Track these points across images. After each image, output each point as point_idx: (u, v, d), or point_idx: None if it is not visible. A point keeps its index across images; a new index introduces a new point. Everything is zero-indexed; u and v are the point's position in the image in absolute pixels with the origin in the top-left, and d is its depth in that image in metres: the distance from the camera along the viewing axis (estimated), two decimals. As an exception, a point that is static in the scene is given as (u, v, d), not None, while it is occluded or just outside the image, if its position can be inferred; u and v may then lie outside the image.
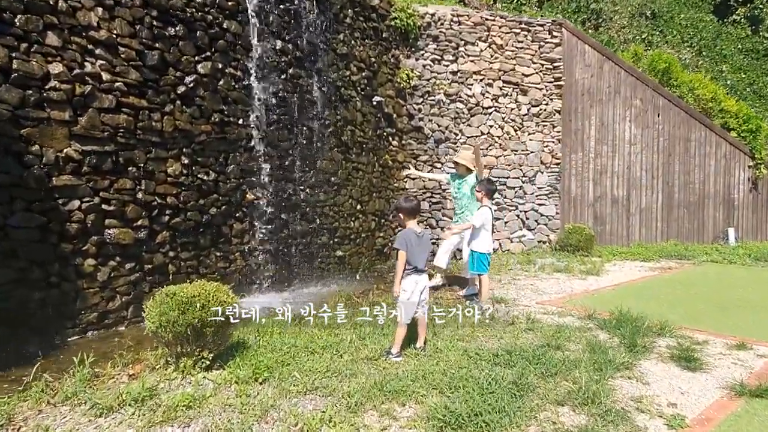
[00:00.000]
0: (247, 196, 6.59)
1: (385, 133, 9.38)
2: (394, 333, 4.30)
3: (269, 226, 6.94)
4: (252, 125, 6.58)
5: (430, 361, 4.12)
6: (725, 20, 20.55)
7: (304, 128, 7.49)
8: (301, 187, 7.47)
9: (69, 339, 4.76)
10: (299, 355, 4.11)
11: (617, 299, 6.35)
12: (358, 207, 8.76)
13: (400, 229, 4.74)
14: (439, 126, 10.04)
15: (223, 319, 3.49)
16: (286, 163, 7.18)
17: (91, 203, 4.89)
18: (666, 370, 4.09)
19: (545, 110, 10.65)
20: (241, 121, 6.44)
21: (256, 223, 6.73)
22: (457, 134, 10.15)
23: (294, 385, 3.51)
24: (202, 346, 3.54)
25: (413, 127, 9.96)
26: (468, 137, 10.19)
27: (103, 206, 5.00)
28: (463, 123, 10.17)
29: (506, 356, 4.15)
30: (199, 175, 5.92)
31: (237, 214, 6.50)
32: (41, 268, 4.56)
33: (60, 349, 4.55)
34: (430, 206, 10.09)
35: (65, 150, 4.67)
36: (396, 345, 4.23)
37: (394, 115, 9.59)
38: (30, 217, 4.46)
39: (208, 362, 3.56)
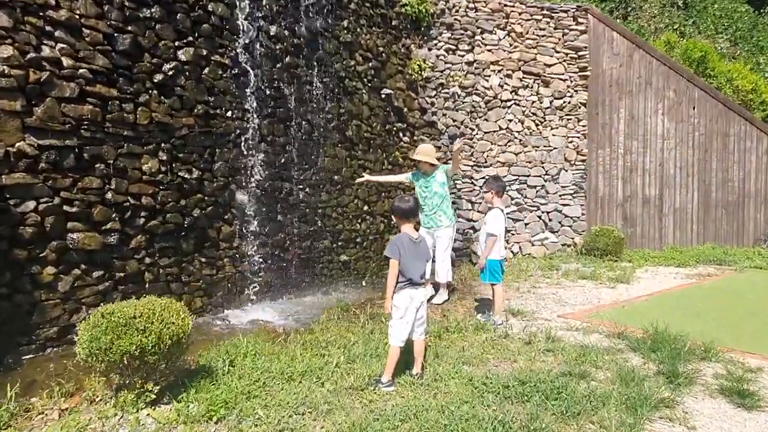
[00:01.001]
0: (237, 196, 6.01)
1: (395, 129, 8.72)
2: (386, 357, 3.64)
3: (263, 229, 6.35)
4: (242, 118, 5.99)
5: (427, 392, 3.45)
6: (762, 11, 19.33)
7: (303, 122, 6.88)
8: (300, 187, 6.86)
9: (24, 357, 4.22)
10: (272, 383, 3.48)
11: (651, 312, 5.58)
12: (365, 208, 8.12)
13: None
14: (453, 121, 9.35)
15: (170, 343, 2.88)
16: (282, 160, 6.58)
17: (50, 204, 4.35)
18: (715, 408, 3.34)
19: (569, 103, 9.86)
20: (229, 114, 5.86)
21: (247, 226, 6.14)
22: (473, 129, 9.44)
23: (255, 425, 2.89)
24: (145, 376, 2.95)
25: (426, 121, 9.27)
26: (485, 132, 9.47)
27: (65, 207, 4.46)
28: (479, 117, 9.45)
29: (519, 387, 3.45)
30: (179, 173, 5.35)
31: (225, 216, 5.92)
32: (-12, 278, 4.03)
33: (10, 369, 4.01)
34: (444, 207, 9.37)
35: (17, 144, 4.13)
36: (387, 372, 3.57)
37: (405, 109, 8.92)
38: (-26, 220, 3.93)
39: (153, 396, 2.96)
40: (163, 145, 5.19)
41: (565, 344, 4.53)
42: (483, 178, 9.41)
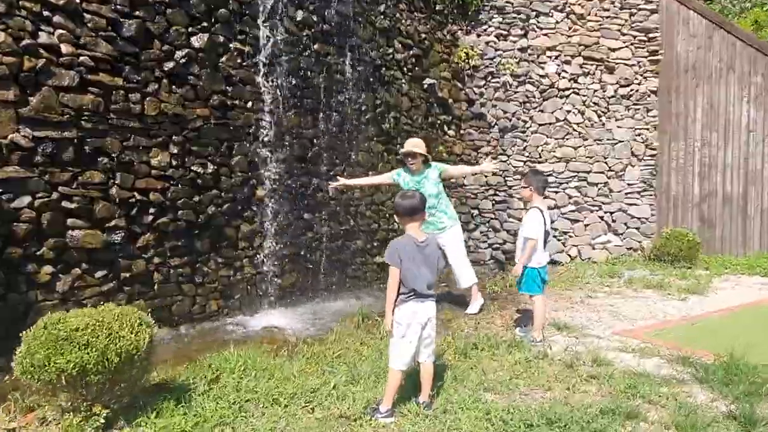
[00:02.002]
0: (257, 192, 5.63)
1: (439, 121, 8.11)
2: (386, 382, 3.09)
3: (287, 228, 5.94)
4: (264, 110, 5.60)
5: (432, 427, 2.87)
6: None
7: (334, 114, 6.42)
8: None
9: (17, 361, 4.00)
10: (252, 408, 3.02)
11: (728, 332, 4.70)
12: (404, 206, 7.55)
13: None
14: (504, 112, 8.61)
15: (118, 361, 2.47)
16: (309, 154, 6.15)
17: (48, 200, 4.11)
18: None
19: (637, 91, 8.85)
20: (249, 105, 5.49)
21: (269, 224, 5.75)
22: (526, 121, 8.66)
23: (211, 463, 2.43)
24: (92, 398, 2.56)
25: (473, 114, 8.59)
26: (540, 125, 8.66)
27: (64, 203, 4.21)
28: (533, 108, 8.65)
29: (545, 428, 2.81)
30: (192, 168, 5.02)
31: (245, 214, 5.55)
32: (-23, 277, 3.82)
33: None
34: (493, 205, 8.68)
35: (10, 136, 3.90)
36: (386, 400, 3.02)
37: (450, 100, 8.29)
38: (-39, 215, 3.73)
39: (101, 420, 2.57)
40: (174, 137, 4.87)
41: (615, 370, 3.80)
42: (537, 174, 8.61)
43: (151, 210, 4.75)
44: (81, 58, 4.23)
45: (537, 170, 5.39)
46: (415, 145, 5.38)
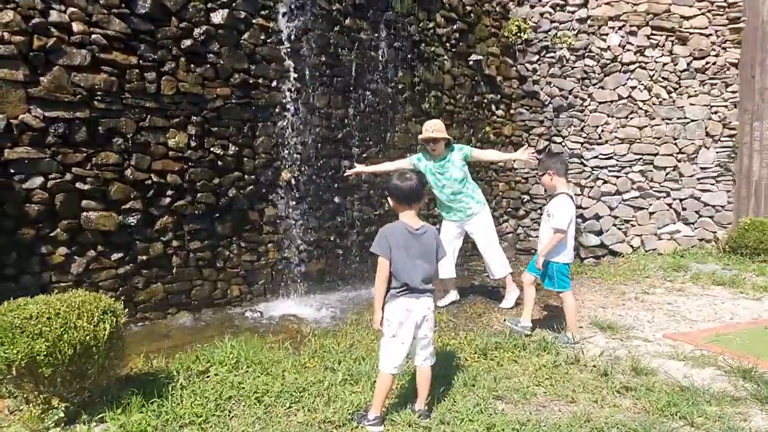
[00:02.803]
0: (283, 174, 5.42)
1: (485, 100, 7.59)
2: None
3: (315, 212, 5.71)
4: (290, 89, 5.36)
5: (422, 441, 2.53)
6: None
7: (367, 93, 6.09)
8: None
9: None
10: (231, 406, 2.79)
11: (806, 341, 4.01)
12: (445, 191, 7.14)
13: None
14: (560, 90, 7.93)
15: (72, 352, 2.30)
16: (340, 135, 5.86)
17: (60, 181, 4.07)
18: None
19: (714, 64, 7.90)
20: (274, 84, 5.26)
21: (295, 209, 5.54)
22: (584, 99, 7.94)
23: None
24: (49, 391, 2.41)
25: (525, 92, 7.99)
26: (600, 103, 7.92)
27: (78, 185, 4.16)
28: (593, 85, 7.92)
29: (552, 450, 2.40)
30: (212, 149, 4.87)
31: (270, 197, 5.37)
32: (-10, 258, 3.84)
33: None
34: (545, 190, 8.05)
35: (20, 116, 3.87)
36: (374, 406, 2.70)
37: (499, 78, 7.73)
38: (-28, 196, 3.73)
39: (60, 414, 2.42)
40: (193, 118, 4.73)
41: (657, 381, 3.28)
42: (595, 157, 7.92)
43: (169, 192, 4.65)
44: (93, 36, 4.14)
45: (553, 151, 4.79)
46: (434, 129, 4.90)
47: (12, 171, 3.88)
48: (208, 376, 3.11)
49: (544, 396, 3.09)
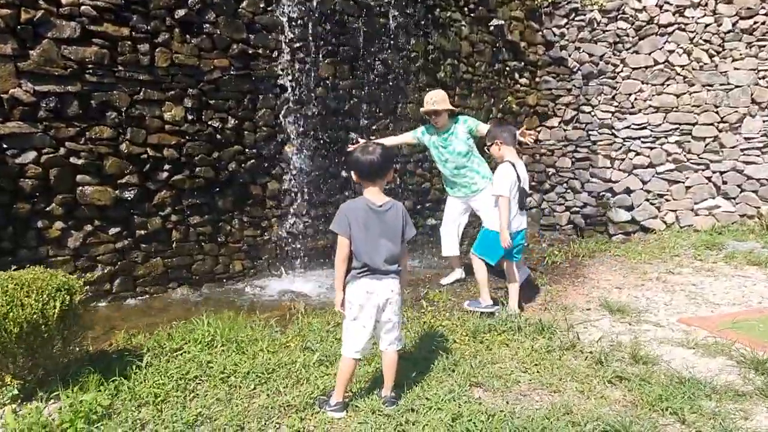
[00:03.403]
0: (286, 147, 5.30)
1: (508, 68, 7.21)
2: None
3: (320, 187, 5.59)
4: (292, 59, 5.19)
5: (381, 430, 2.39)
6: None
7: (376, 62, 5.85)
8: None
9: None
10: (193, 386, 2.73)
11: (838, 330, 3.62)
12: (462, 164, 6.87)
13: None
14: (590, 55, 7.45)
15: (20, 329, 2.26)
16: (346, 107, 5.67)
17: (54, 155, 4.07)
18: None
19: (763, 24, 7.20)
20: (275, 54, 5.10)
21: (300, 183, 5.42)
22: (616, 65, 7.43)
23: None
24: (6, 367, 2.39)
25: (552, 58, 7.54)
26: (633, 69, 7.40)
27: (72, 159, 4.16)
28: (626, 50, 7.39)
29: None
30: (210, 122, 4.78)
31: (273, 171, 5.27)
32: (-14, 232, 3.90)
33: None
34: (573, 163, 7.67)
35: (11, 91, 3.86)
36: (337, 391, 2.58)
37: (523, 44, 7.31)
38: (-35, 170, 3.77)
39: (15, 391, 2.41)
40: (189, 90, 4.64)
41: (657, 371, 3.03)
42: (627, 127, 7.44)
43: (166, 167, 4.61)
44: (83, 8, 4.07)
45: (500, 120, 4.56)
46: (435, 101, 4.62)
47: (5, 146, 3.89)
48: (181, 354, 3.06)
49: (528, 384, 2.89)
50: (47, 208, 4.11)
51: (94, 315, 3.94)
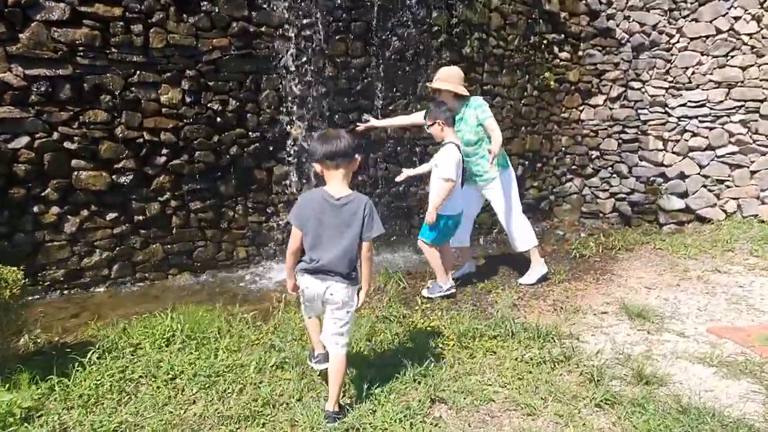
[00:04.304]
0: (292, 130, 5.07)
1: (545, 41, 6.62)
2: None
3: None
4: (297, 35, 4.92)
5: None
6: None
7: (393, 38, 5.48)
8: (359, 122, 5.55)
9: (28, 298, 4.09)
10: (133, 388, 2.58)
11: None
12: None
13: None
14: (641, 25, 6.71)
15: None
16: (359, 87, 5.36)
17: (47, 140, 4.04)
18: None
19: None
20: (279, 32, 4.86)
21: (308, 167, 5.19)
22: (671, 35, 6.65)
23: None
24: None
25: (597, 29, 6.85)
26: (691, 39, 6.60)
27: (66, 144, 4.12)
28: (683, 17, 6.59)
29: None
30: (210, 105, 4.62)
31: (279, 155, 5.06)
32: (-19, 216, 3.93)
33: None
34: (619, 145, 7.00)
35: (1, 75, 3.84)
36: (312, 344, 2.38)
37: (564, 14, 6.68)
38: (-41, 156, 3.79)
39: None
40: (187, 72, 4.48)
41: (662, 394, 2.58)
42: (683, 105, 6.68)
43: (164, 151, 4.50)
44: (72, -12, 3.97)
45: (438, 101, 4.24)
46: (441, 78, 4.23)
47: (-2, 131, 3.89)
48: (134, 351, 2.92)
49: (501, 403, 2.54)
50: (42, 193, 4.10)
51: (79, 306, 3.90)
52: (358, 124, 4.82)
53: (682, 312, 3.75)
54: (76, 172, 4.18)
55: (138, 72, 4.30)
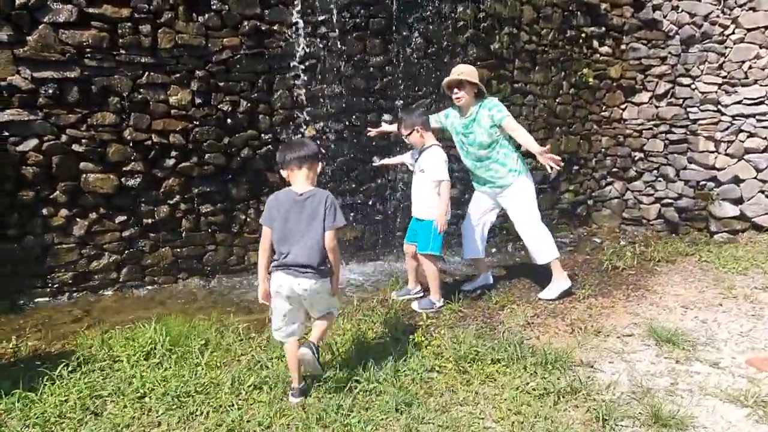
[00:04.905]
0: (307, 132, 4.90)
1: (584, 35, 6.18)
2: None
3: (349, 174, 5.15)
4: (312, 33, 4.75)
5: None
6: None
7: (414, 35, 5.22)
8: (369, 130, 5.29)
9: (37, 300, 4.13)
10: (98, 406, 2.45)
11: None
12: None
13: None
14: (691, 16, 6.15)
15: None
16: (377, 86, 5.13)
17: (55, 143, 4.03)
18: None
19: None
20: (292, 30, 4.69)
21: (326, 169, 5.01)
22: (725, 26, 6.07)
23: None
24: None
25: (642, 21, 6.35)
26: (748, 30, 6.00)
27: (74, 146, 4.10)
28: (739, 6, 5.99)
29: None
30: (220, 106, 4.51)
31: (293, 157, 4.89)
32: (-9, 218, 3.95)
33: (24, 311, 3.94)
34: (665, 146, 6.47)
35: (9, 78, 3.84)
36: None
37: (604, 6, 6.22)
38: (-32, 158, 3.83)
39: None
40: (196, 72, 4.39)
41: (682, 439, 2.24)
42: (738, 102, 6.09)
43: (173, 153, 4.42)
44: (79, -11, 3.94)
45: (408, 107, 4.37)
46: (464, 72, 3.94)
47: (6, 134, 3.90)
48: (110, 365, 2.81)
49: (490, 442, 2.26)
50: (51, 196, 4.10)
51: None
52: (369, 129, 4.59)
53: (719, 338, 3.33)
54: (84, 175, 4.17)
55: (146, 73, 4.23)
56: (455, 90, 3.99)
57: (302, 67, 4.76)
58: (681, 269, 4.78)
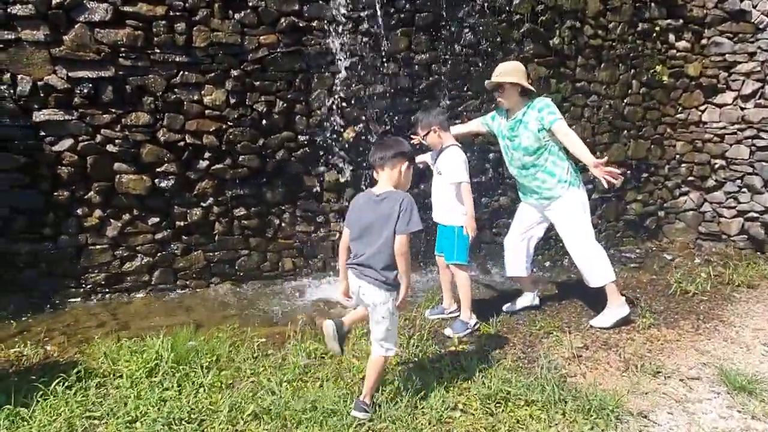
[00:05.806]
0: (346, 133, 4.66)
1: (658, 28, 5.57)
2: None
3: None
4: (353, 30, 4.49)
5: None
6: None
7: (464, 30, 4.86)
8: (457, 121, 4.96)
9: (70, 301, 4.13)
10: (87, 429, 2.29)
11: None
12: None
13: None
14: (787, 5, 5.40)
15: None
16: (423, 85, 4.81)
17: (90, 143, 4.01)
18: None
19: None
20: (332, 27, 4.46)
21: (362, 174, 4.76)
22: (829, 17, 5.28)
23: None
24: None
25: (727, 12, 5.63)
26: None
27: (108, 147, 4.06)
28: None
29: None
30: (255, 106, 4.35)
31: (331, 160, 4.68)
32: (27, 218, 3.97)
33: (55, 312, 3.95)
34: (751, 153, 5.73)
35: (45, 78, 3.84)
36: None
37: (683, -4, 5.57)
38: (6, 156, 3.84)
39: None
40: (231, 71, 4.25)
41: None
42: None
43: (206, 155, 4.31)
44: (114, -12, 3.88)
45: (427, 106, 4.05)
46: (503, 72, 3.53)
47: (42, 133, 3.90)
48: (109, 381, 2.66)
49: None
50: (85, 196, 4.08)
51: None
52: (412, 135, 4.27)
53: (763, 368, 2.78)
54: (118, 176, 4.12)
55: (180, 72, 4.13)
56: (497, 92, 3.60)
57: (344, 65, 4.51)
58: (765, 297, 4.15)
